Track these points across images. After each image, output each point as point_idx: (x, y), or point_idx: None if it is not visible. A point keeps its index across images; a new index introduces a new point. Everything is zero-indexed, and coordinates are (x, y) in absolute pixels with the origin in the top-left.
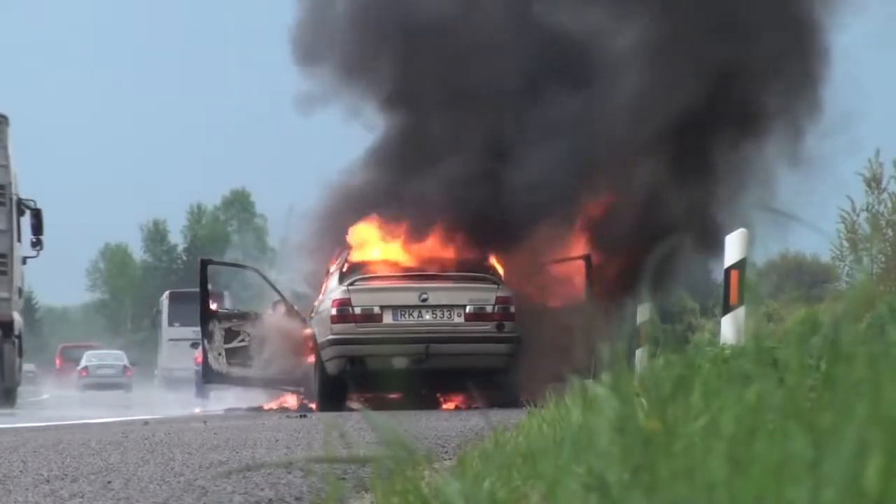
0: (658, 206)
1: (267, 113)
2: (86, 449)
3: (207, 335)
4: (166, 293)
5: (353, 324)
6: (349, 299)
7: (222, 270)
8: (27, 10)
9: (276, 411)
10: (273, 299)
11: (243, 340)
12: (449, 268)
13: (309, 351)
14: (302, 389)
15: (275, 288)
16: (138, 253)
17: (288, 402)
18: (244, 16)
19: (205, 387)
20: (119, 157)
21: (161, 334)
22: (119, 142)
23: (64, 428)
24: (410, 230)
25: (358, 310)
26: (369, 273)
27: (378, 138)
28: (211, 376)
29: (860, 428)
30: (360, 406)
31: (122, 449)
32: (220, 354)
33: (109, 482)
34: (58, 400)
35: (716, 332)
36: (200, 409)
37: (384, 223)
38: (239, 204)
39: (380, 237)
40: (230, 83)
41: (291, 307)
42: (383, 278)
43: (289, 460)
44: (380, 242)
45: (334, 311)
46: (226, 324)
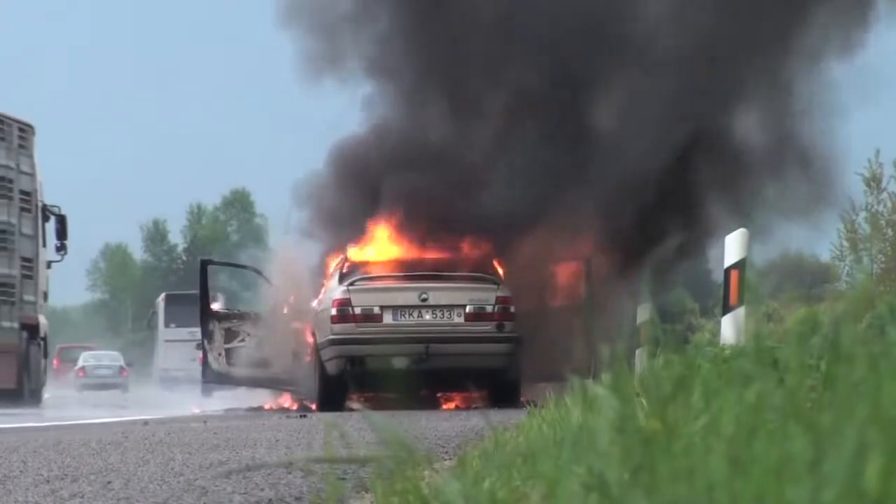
0: (658, 206)
1: (267, 113)
2: (86, 449)
3: (207, 335)
4: (162, 295)
5: (353, 324)
6: (349, 299)
7: (218, 272)
8: (24, 9)
9: (276, 411)
10: (273, 299)
11: (243, 340)
12: (449, 268)
13: (309, 351)
14: (302, 389)
15: (275, 288)
16: (138, 253)
17: (288, 402)
18: (244, 16)
19: (211, 386)
20: (119, 157)
21: (157, 335)
22: (119, 142)
23: (64, 428)
24: (409, 222)
25: (358, 310)
26: (369, 273)
27: (381, 132)
28: (211, 376)
29: (860, 428)
30: (360, 406)
31: (122, 449)
32: (221, 354)
33: (109, 482)
34: (57, 400)
35: (716, 332)
36: (200, 409)
37: (387, 216)
38: (239, 204)
39: (382, 233)
40: (230, 83)
41: (291, 307)
42: (383, 278)
43: (289, 460)
44: (381, 239)
45: (334, 311)
46: (226, 324)
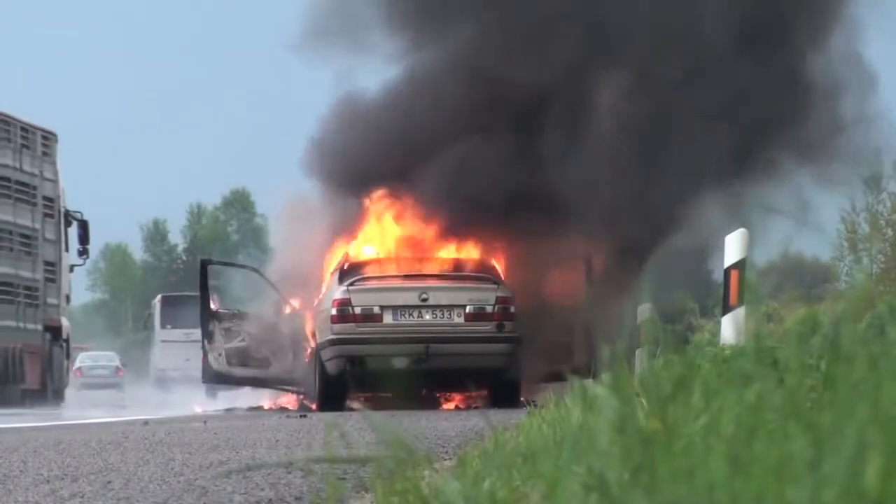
0: (658, 207)
1: (267, 113)
2: (86, 449)
3: (207, 335)
4: (158, 297)
5: (353, 324)
6: (349, 299)
7: (218, 272)
8: (23, 10)
9: (276, 411)
10: (273, 299)
11: (243, 340)
12: (449, 268)
13: (309, 351)
14: (302, 389)
15: (275, 288)
16: (138, 253)
17: (288, 402)
18: (244, 15)
19: (215, 386)
20: (119, 157)
21: (154, 336)
22: (119, 141)
23: (64, 428)
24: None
25: (358, 310)
26: (369, 273)
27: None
28: (211, 376)
29: (860, 428)
30: (360, 406)
31: (122, 449)
32: (221, 354)
33: (109, 482)
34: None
35: (716, 332)
36: (201, 409)
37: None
38: (239, 204)
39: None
40: (230, 83)
41: (291, 307)
42: (383, 278)
43: (289, 460)
44: (381, 227)
45: (334, 311)
46: (226, 324)
